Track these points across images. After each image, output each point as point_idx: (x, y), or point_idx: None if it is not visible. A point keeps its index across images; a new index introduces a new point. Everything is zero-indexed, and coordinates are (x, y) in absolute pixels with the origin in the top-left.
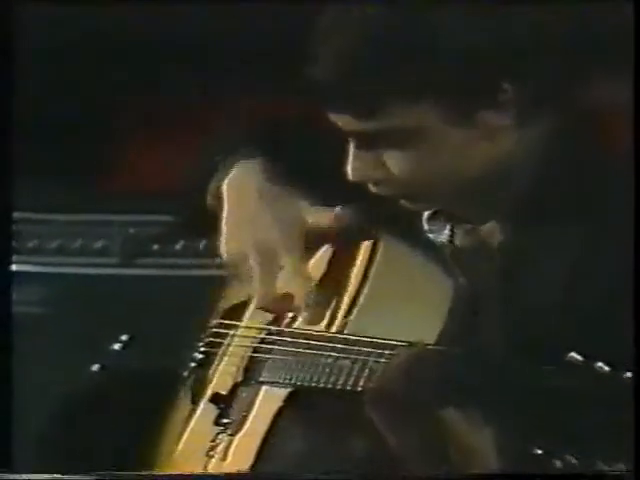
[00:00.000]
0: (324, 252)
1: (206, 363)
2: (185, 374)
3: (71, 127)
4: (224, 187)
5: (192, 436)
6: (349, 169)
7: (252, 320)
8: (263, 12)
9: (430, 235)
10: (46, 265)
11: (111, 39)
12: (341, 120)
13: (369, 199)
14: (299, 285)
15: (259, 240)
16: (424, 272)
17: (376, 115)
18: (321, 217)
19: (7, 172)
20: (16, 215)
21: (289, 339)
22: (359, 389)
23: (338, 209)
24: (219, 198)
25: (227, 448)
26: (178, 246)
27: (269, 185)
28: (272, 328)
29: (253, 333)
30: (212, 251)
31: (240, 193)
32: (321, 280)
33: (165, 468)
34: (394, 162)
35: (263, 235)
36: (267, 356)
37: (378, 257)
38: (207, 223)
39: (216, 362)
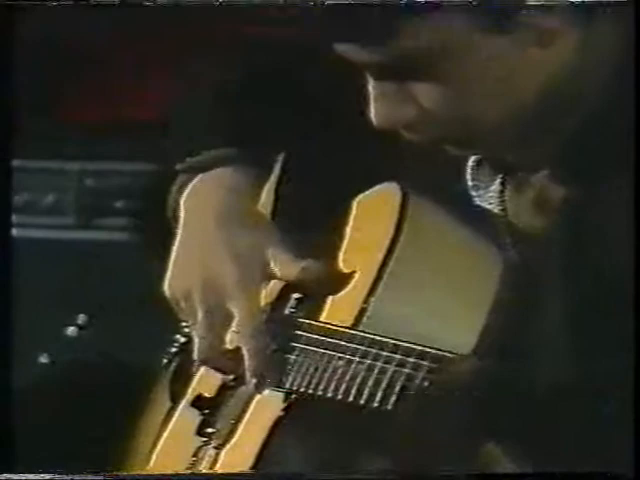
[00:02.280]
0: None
1: (188, 354)
2: (164, 362)
3: None
4: (182, 203)
5: (168, 448)
6: (372, 113)
7: None
8: None
9: (474, 192)
10: None
11: None
12: (352, 51)
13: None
14: (250, 340)
15: (210, 277)
16: (463, 242)
17: (392, 37)
18: (288, 268)
19: None
20: None
21: (292, 331)
22: (375, 405)
23: (309, 262)
24: (176, 216)
25: (212, 464)
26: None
27: (236, 209)
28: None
29: None
30: None
31: (198, 214)
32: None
33: None
34: (425, 93)
35: (215, 271)
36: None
37: (406, 225)
38: (166, 242)
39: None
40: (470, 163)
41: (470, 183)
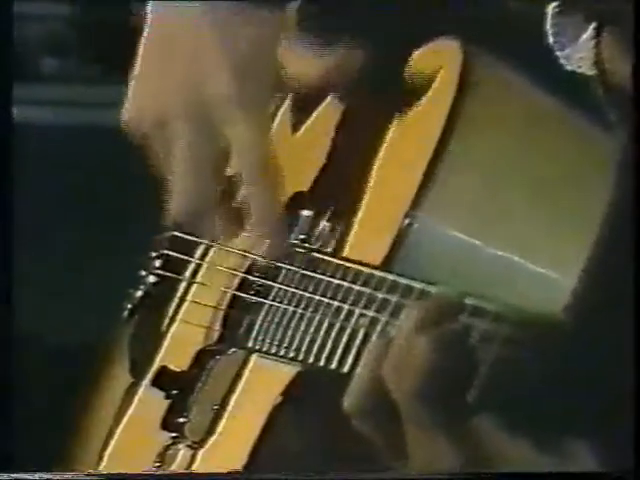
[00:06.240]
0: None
1: (152, 305)
2: (126, 313)
3: None
4: None
5: (124, 445)
6: None
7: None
8: None
9: (559, 50)
10: None
11: None
12: None
13: None
14: (259, 185)
15: (195, 91)
16: (555, 122)
17: None
18: (308, 65)
19: None
20: None
21: (298, 270)
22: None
23: (341, 53)
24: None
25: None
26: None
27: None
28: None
29: (234, 257)
30: None
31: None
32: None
33: None
34: None
35: (203, 82)
36: (262, 300)
37: (469, 98)
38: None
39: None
40: (551, 11)
41: (552, 39)
